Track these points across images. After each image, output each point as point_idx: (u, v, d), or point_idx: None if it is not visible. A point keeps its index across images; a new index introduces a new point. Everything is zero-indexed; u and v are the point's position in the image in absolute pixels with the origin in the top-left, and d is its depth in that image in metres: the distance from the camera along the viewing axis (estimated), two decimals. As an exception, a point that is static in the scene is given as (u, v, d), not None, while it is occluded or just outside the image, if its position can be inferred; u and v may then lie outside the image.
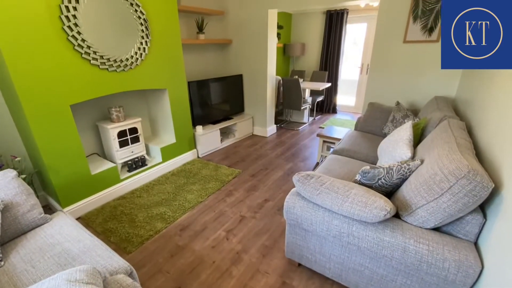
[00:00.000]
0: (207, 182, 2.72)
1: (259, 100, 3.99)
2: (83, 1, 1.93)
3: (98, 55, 2.09)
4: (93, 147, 2.64)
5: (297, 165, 3.14)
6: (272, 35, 3.62)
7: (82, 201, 2.25)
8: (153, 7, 2.44)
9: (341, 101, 5.75)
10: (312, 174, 1.41)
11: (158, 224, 2.10)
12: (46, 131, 1.93)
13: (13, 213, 1.34)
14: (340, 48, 5.10)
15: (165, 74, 2.72)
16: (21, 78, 1.75)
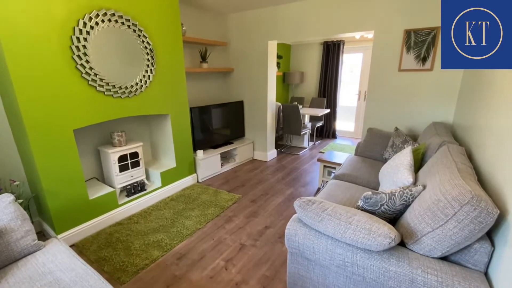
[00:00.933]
0: (207, 208, 2.66)
1: (259, 125, 4.05)
2: (93, 33, 2.04)
3: (104, 82, 2.17)
4: (93, 171, 2.63)
5: (298, 190, 3.10)
6: (272, 64, 3.78)
7: (78, 227, 2.19)
8: (159, 38, 2.57)
9: (340, 127, 5.83)
10: (313, 199, 1.39)
11: (154, 252, 2.03)
12: (47, 155, 1.94)
13: (6, 239, 1.30)
14: (337, 76, 5.29)
15: (168, 100, 2.80)
16: (28, 104, 1.80)
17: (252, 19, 3.65)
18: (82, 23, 1.97)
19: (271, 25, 3.51)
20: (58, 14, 1.86)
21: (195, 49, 3.57)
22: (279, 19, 3.44)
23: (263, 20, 3.56)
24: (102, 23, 2.08)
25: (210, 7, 3.41)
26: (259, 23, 3.61)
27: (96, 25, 2.05)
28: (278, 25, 3.46)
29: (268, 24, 3.54)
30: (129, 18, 2.26)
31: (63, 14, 1.88)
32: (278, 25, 3.46)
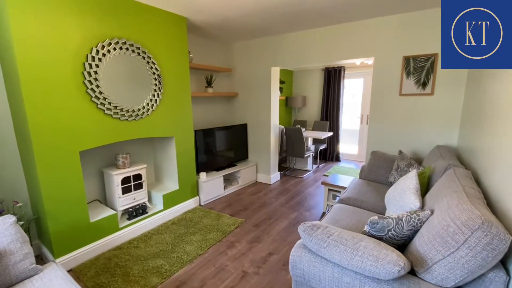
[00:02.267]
0: (208, 232, 2.60)
1: (262, 147, 4.07)
2: (105, 59, 2.15)
3: (112, 105, 2.24)
4: (95, 193, 2.62)
5: (302, 214, 3.03)
6: (275, 89, 3.89)
7: (77, 251, 2.14)
8: (167, 64, 2.69)
9: (344, 150, 5.82)
10: (318, 224, 1.36)
11: (153, 279, 1.95)
12: (51, 176, 1.95)
13: (4, 262, 1.27)
14: (339, 100, 5.39)
15: (174, 123, 2.85)
16: (37, 125, 1.85)
17: (256, 47, 3.82)
18: (95, 51, 2.08)
19: (274, 52, 3.66)
20: (73, 42, 1.97)
21: (201, 74, 3.71)
22: (281, 47, 3.59)
23: (266, 48, 3.73)
24: (113, 51, 2.20)
25: (216, 36, 3.60)
26: (262, 50, 3.77)
27: (108, 52, 2.16)
28: (281, 53, 3.61)
29: (271, 52, 3.69)
30: (139, 46, 2.38)
31: (78, 42, 2.00)
32: (281, 53, 3.61)
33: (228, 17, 2.82)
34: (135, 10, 2.36)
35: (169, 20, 2.66)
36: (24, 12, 1.73)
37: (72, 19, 1.95)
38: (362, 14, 2.78)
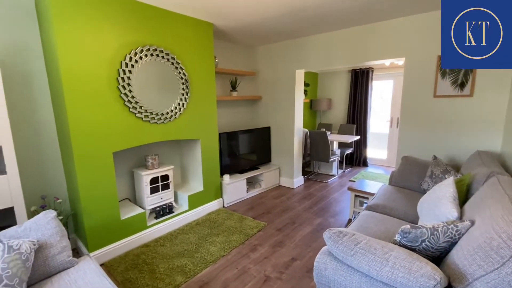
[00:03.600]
0: (231, 234, 2.62)
1: (286, 151, 4.03)
2: (137, 66, 2.28)
3: (143, 109, 2.36)
4: (126, 192, 2.77)
5: (327, 220, 2.94)
6: (299, 92, 3.84)
7: (108, 246, 2.26)
8: (194, 69, 2.78)
9: (372, 154, 5.57)
10: (345, 231, 1.30)
11: (178, 277, 2.00)
12: (88, 175, 2.09)
13: (45, 253, 1.38)
14: (367, 102, 5.19)
15: (200, 126, 2.93)
16: (77, 127, 2.00)
17: (280, 50, 3.82)
18: (128, 58, 2.21)
19: (299, 55, 3.63)
20: (109, 50, 2.12)
21: (226, 78, 3.78)
22: (306, 50, 3.55)
23: (290, 50, 3.71)
24: (145, 57, 2.32)
25: (240, 41, 3.66)
26: (286, 53, 3.76)
27: (140, 59, 2.29)
28: (305, 55, 3.57)
29: (295, 55, 3.67)
30: (168, 52, 2.49)
31: (114, 49, 2.14)
32: (305, 55, 3.57)
33: (252, 22, 2.85)
34: (165, 18, 2.47)
35: (197, 26, 2.75)
36: (67, 25, 1.89)
37: (109, 29, 2.10)
38: (391, 14, 2.67)
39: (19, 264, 1.21)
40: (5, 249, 1.21)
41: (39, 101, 2.18)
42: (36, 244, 1.32)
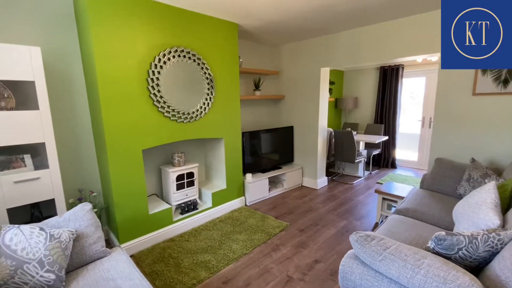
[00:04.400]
0: (253, 233, 2.63)
1: (309, 151, 3.96)
2: (165, 67, 2.36)
3: (170, 108, 2.44)
4: (154, 188, 2.89)
5: (352, 223, 2.85)
6: (324, 90, 3.76)
7: (137, 239, 2.38)
8: (219, 69, 2.83)
9: (401, 156, 5.30)
10: (372, 235, 1.25)
11: (202, 272, 2.05)
12: (120, 171, 2.22)
13: (81, 243, 1.48)
14: (396, 101, 4.94)
15: (224, 125, 2.98)
16: (110, 127, 2.12)
17: (305, 48, 3.76)
18: (157, 59, 2.30)
19: (324, 53, 3.55)
20: (140, 52, 2.22)
21: (249, 78, 3.80)
22: (332, 47, 3.46)
23: (315, 48, 3.64)
24: (173, 58, 2.40)
25: (264, 40, 3.65)
26: (311, 51, 3.69)
27: (168, 60, 2.37)
28: (331, 53, 3.48)
29: (320, 52, 3.59)
30: (195, 53, 2.56)
31: (144, 51, 2.24)
32: (331, 53, 3.48)
33: (277, 21, 2.84)
34: (192, 19, 2.54)
35: (222, 27, 2.80)
36: (102, 30, 2.01)
37: (140, 32, 2.20)
38: (425, 7, 2.50)
39: (59, 252, 1.31)
40: (47, 237, 1.32)
41: (77, 102, 2.35)
42: (74, 234, 1.42)
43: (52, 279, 1.24)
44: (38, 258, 1.24)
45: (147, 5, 2.22)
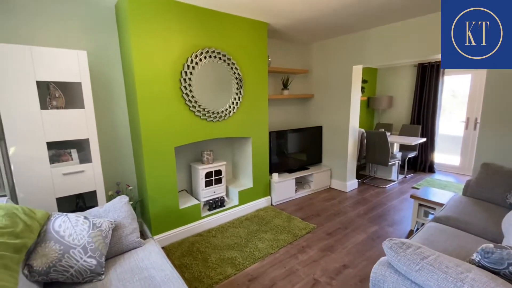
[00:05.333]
0: (279, 233, 2.61)
1: (338, 152, 3.84)
2: (197, 67, 2.44)
3: (201, 108, 2.52)
4: (183, 184, 3.01)
5: (384, 229, 2.70)
6: (356, 89, 3.61)
7: (168, 232, 2.49)
8: (248, 69, 2.85)
9: (441, 159, 4.91)
10: (408, 243, 1.17)
11: (228, 269, 2.09)
12: (154, 167, 2.34)
13: (119, 233, 1.59)
14: (436, 100, 4.59)
15: (251, 124, 3.00)
16: (146, 125, 2.25)
17: (336, 46, 3.64)
18: (189, 60, 2.38)
19: (357, 50, 3.41)
20: (174, 54, 2.32)
21: (277, 77, 3.78)
22: (366, 44, 3.31)
23: (348, 45, 3.51)
24: (204, 59, 2.47)
25: (294, 38, 3.61)
26: (343, 49, 3.56)
27: (200, 61, 2.45)
28: (365, 50, 3.33)
29: (353, 49, 3.45)
30: (225, 53, 2.61)
31: (177, 53, 2.34)
32: (365, 50, 3.33)
33: (308, 18, 2.78)
34: (223, 20, 2.59)
35: (252, 27, 2.81)
36: (141, 34, 2.13)
37: (174, 35, 2.30)
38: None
39: (100, 240, 1.42)
40: (91, 225, 1.43)
41: (117, 102, 2.52)
42: (113, 224, 1.53)
43: (94, 264, 1.35)
44: (82, 244, 1.35)
45: (181, 8, 2.31)
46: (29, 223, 1.28)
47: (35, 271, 1.23)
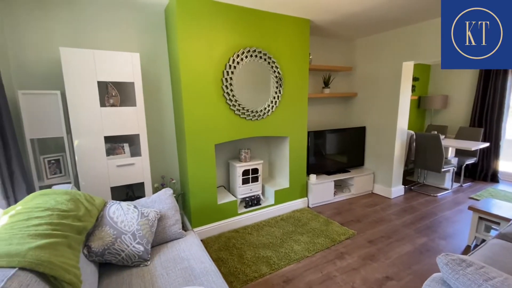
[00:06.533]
0: (316, 237, 2.54)
1: (383, 155, 3.58)
2: (238, 67, 2.48)
3: (241, 107, 2.56)
4: (221, 180, 3.09)
5: (434, 242, 2.45)
6: (405, 87, 3.33)
7: (206, 226, 2.59)
8: (288, 68, 2.81)
9: (506, 168, 4.28)
10: (469, 260, 1.04)
11: (263, 267, 2.09)
12: (195, 162, 2.45)
13: (163, 223, 1.69)
14: (503, 102, 4.00)
15: (290, 123, 2.96)
16: (190, 122, 2.36)
17: (384, 41, 3.40)
18: (231, 60, 2.44)
19: (408, 45, 3.13)
20: (217, 54, 2.39)
21: (318, 75, 3.67)
22: (419, 38, 3.02)
23: (398, 40, 3.24)
24: (245, 58, 2.50)
25: (337, 34, 3.45)
26: (392, 44, 3.31)
27: (241, 60, 2.49)
28: (418, 45, 3.04)
29: (404, 44, 3.18)
30: (266, 52, 2.61)
31: (220, 53, 2.40)
32: (418, 45, 3.04)
33: (354, 13, 2.64)
34: (264, 19, 2.59)
35: (293, 24, 2.77)
36: (187, 36, 2.24)
37: (218, 36, 2.37)
38: None
39: (147, 228, 1.53)
40: (139, 214, 1.55)
41: (164, 101, 2.69)
42: (159, 214, 1.64)
43: (141, 250, 1.46)
44: (132, 231, 1.47)
45: (225, 9, 2.36)
46: (89, 208, 1.43)
47: (93, 252, 1.37)
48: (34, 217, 1.10)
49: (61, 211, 1.22)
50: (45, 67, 2.16)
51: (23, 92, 1.92)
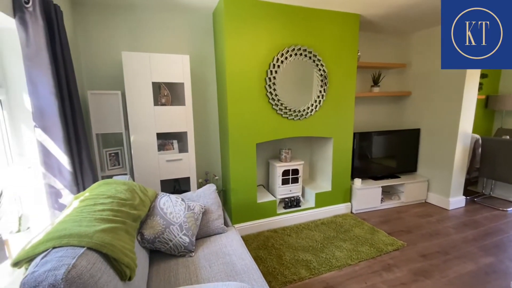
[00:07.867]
0: (360, 245, 2.39)
1: (441, 161, 3.21)
2: (282, 66, 2.46)
3: (283, 106, 2.53)
4: (261, 179, 3.11)
5: (504, 263, 2.12)
6: (471, 86, 2.94)
7: (246, 223, 2.63)
8: (334, 65, 2.70)
9: None
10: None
11: (302, 271, 2.04)
12: (237, 160, 2.50)
13: (207, 217, 1.76)
14: None
15: (334, 124, 2.84)
16: (233, 121, 2.41)
17: (446, 33, 3.04)
18: (275, 59, 2.42)
19: (476, 36, 2.75)
20: (261, 54, 2.40)
21: (366, 73, 3.45)
22: (491, 28, 2.63)
23: (463, 32, 2.87)
24: (289, 57, 2.47)
25: (389, 29, 3.20)
26: (456, 37, 2.94)
27: (285, 59, 2.46)
28: (489, 36, 2.65)
29: (470, 37, 2.80)
30: (311, 50, 2.54)
31: (265, 53, 2.41)
32: (489, 36, 2.65)
33: (410, 5, 2.41)
34: (310, 16, 2.52)
35: (340, 20, 2.64)
36: (234, 36, 2.29)
37: (263, 36, 2.38)
38: None
39: (192, 221, 1.60)
40: (186, 207, 1.63)
41: (209, 100, 2.80)
42: (203, 208, 1.71)
43: (187, 241, 1.53)
44: (179, 223, 1.56)
45: (270, 8, 2.36)
46: (143, 199, 1.56)
47: (145, 239, 1.49)
48: (99, 203, 1.23)
49: (120, 199, 1.35)
50: (109, 70, 2.42)
51: (92, 92, 2.17)
